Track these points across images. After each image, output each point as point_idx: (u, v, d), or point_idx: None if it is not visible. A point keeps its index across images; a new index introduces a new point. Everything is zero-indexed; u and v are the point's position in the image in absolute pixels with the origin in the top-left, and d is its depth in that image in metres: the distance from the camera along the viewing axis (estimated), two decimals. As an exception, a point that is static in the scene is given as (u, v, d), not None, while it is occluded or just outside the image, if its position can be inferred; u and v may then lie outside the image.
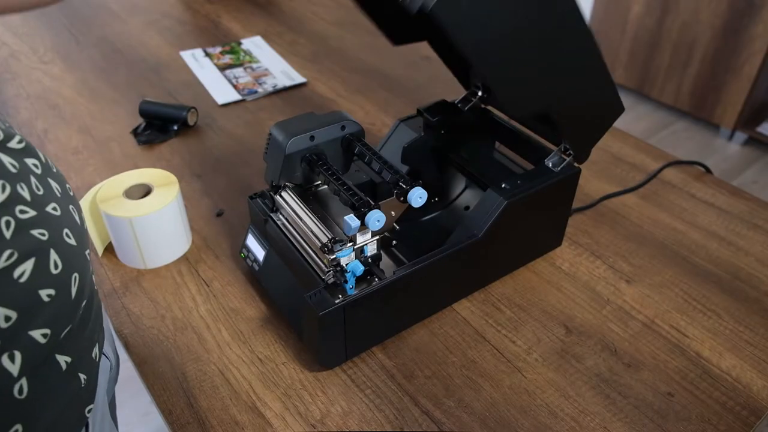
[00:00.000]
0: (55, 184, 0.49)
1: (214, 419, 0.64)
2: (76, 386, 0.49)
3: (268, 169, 0.72)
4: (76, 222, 0.50)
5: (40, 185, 0.46)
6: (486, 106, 0.89)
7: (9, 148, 0.44)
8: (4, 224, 0.40)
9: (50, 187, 0.47)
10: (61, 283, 0.45)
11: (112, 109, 1.15)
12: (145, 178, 0.81)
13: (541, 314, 0.76)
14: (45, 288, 0.43)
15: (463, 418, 0.65)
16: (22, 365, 0.42)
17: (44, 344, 0.44)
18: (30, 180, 0.45)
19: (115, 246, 0.81)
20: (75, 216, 0.50)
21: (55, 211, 0.46)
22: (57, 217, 0.46)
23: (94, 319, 0.53)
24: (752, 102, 2.47)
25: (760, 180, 2.41)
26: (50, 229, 0.45)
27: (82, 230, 0.51)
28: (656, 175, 1.00)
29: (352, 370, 0.69)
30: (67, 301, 0.46)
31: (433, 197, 0.87)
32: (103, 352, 0.60)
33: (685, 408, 0.66)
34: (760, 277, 0.82)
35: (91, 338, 0.52)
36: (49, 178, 0.48)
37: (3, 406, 0.41)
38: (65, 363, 0.47)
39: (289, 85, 1.24)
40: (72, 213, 0.50)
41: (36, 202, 0.44)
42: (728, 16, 2.36)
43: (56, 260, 0.44)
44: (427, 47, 1.41)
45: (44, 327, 0.44)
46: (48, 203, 0.46)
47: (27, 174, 0.45)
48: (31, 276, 0.42)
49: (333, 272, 0.65)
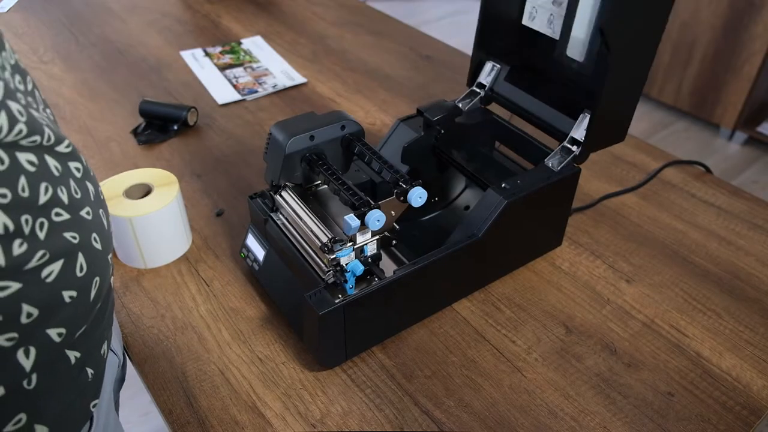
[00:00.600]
0: (91, 187, 0.50)
1: (214, 419, 0.64)
2: (83, 381, 0.50)
3: (268, 168, 0.72)
4: (104, 226, 0.51)
5: (78, 189, 0.47)
6: (486, 106, 0.89)
7: (56, 152, 0.45)
8: (39, 225, 0.41)
9: (87, 190, 0.49)
10: (83, 286, 0.46)
11: (112, 109, 1.15)
12: (145, 178, 0.81)
13: (541, 314, 0.76)
14: (68, 289, 0.44)
15: (463, 418, 0.65)
16: (36, 361, 0.43)
17: (58, 342, 0.45)
18: (70, 183, 0.46)
19: (115, 246, 0.81)
20: (104, 220, 0.51)
21: (87, 215, 0.48)
22: (88, 221, 0.48)
23: (107, 318, 0.54)
24: (752, 102, 2.47)
25: (760, 180, 2.41)
26: (81, 233, 0.46)
27: (108, 234, 0.52)
28: (656, 175, 1.00)
29: (352, 370, 0.69)
30: (86, 303, 0.47)
31: (433, 197, 0.87)
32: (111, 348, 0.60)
33: (685, 408, 0.66)
34: (760, 276, 0.82)
35: (101, 336, 0.52)
36: (87, 181, 0.49)
37: (11, 395, 0.42)
38: (75, 358, 0.48)
39: (289, 85, 1.24)
40: (101, 217, 0.51)
41: (72, 205, 0.45)
42: (728, 16, 2.36)
43: (82, 263, 0.46)
44: (427, 47, 1.41)
45: (61, 326, 0.45)
46: (83, 207, 0.47)
47: (68, 177, 0.46)
48: (57, 277, 0.43)
49: (333, 272, 0.65)
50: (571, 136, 0.76)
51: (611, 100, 0.71)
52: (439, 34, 3.36)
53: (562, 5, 0.76)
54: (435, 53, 1.38)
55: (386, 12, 1.60)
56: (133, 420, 1.50)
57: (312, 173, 0.72)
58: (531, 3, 0.79)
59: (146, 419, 1.51)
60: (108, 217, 0.53)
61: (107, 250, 0.51)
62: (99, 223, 0.50)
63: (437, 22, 3.65)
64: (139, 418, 1.51)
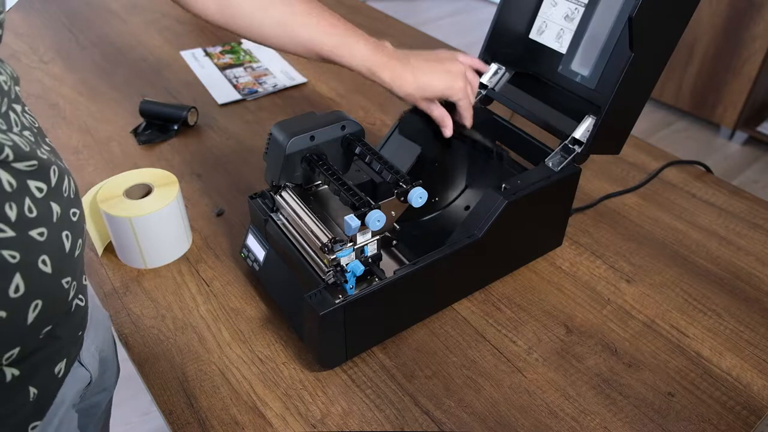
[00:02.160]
0: (57, 208, 0.47)
1: (215, 419, 0.64)
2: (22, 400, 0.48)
3: (268, 168, 0.72)
4: (63, 250, 0.48)
5: (35, 208, 0.45)
6: (486, 106, 0.89)
7: (13, 168, 0.43)
8: None
9: (49, 211, 0.47)
10: (16, 308, 0.44)
11: (112, 109, 1.15)
12: (145, 178, 0.81)
13: (541, 314, 0.76)
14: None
15: (464, 418, 0.65)
16: None
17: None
18: (24, 201, 0.44)
19: (116, 246, 0.81)
20: (65, 243, 0.48)
21: (39, 237, 0.45)
22: (39, 243, 0.45)
23: (67, 339, 0.51)
24: (753, 101, 2.47)
25: (761, 179, 2.41)
26: (24, 253, 0.44)
27: (66, 257, 0.49)
28: (656, 175, 1.00)
29: (353, 370, 0.69)
30: (21, 326, 0.45)
31: (433, 197, 0.87)
32: (81, 361, 0.58)
33: (686, 408, 0.66)
34: (761, 276, 0.82)
35: (54, 356, 0.50)
36: (52, 202, 0.47)
37: None
38: (12, 375, 0.46)
39: (290, 85, 1.24)
40: (63, 240, 0.48)
41: (20, 223, 0.44)
42: (729, 16, 2.35)
43: (19, 284, 0.43)
44: (427, 47, 1.40)
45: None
46: (35, 227, 0.45)
47: (23, 195, 0.44)
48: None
49: (333, 272, 0.65)
50: (572, 137, 0.76)
51: (620, 104, 0.71)
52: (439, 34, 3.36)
53: (574, 21, 0.78)
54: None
55: (386, 12, 1.60)
56: (133, 420, 1.50)
57: (312, 173, 0.72)
58: (542, 17, 0.81)
59: (146, 419, 1.51)
60: (76, 239, 0.50)
61: (62, 274, 0.48)
62: (56, 246, 0.47)
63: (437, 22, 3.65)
64: (139, 418, 1.51)
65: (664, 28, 0.69)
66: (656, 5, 0.64)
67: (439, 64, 0.77)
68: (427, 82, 0.75)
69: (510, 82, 0.87)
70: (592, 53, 0.77)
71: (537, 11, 0.83)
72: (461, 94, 0.78)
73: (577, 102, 0.79)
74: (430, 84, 0.76)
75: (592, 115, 0.75)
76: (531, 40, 0.84)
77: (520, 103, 0.84)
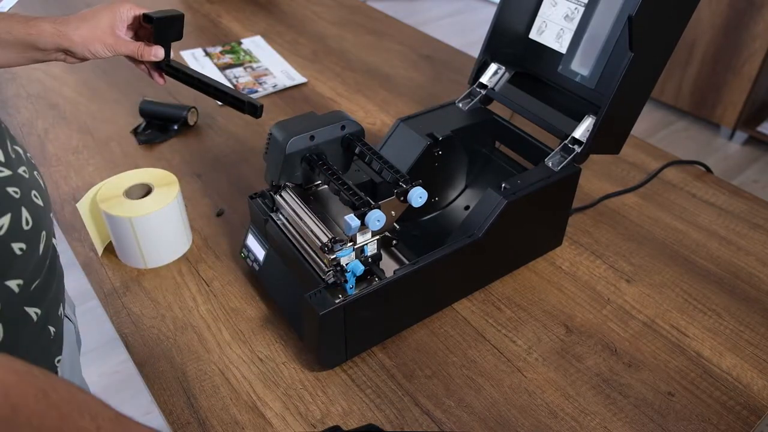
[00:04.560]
0: (21, 150, 0.54)
1: (215, 419, 0.64)
2: (46, 337, 0.53)
3: (268, 168, 0.72)
4: (41, 185, 0.55)
5: (12, 151, 0.51)
6: (486, 106, 0.89)
7: None
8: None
9: (19, 152, 0.52)
10: (31, 239, 0.49)
11: (112, 109, 1.15)
12: (145, 178, 0.81)
13: (541, 314, 0.76)
14: (17, 242, 0.48)
15: (464, 418, 0.65)
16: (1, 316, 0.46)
17: (18, 294, 0.48)
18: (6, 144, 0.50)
19: (116, 246, 0.81)
20: (39, 180, 0.55)
21: (24, 174, 0.51)
22: (26, 179, 0.51)
23: (57, 279, 0.57)
24: (753, 101, 2.47)
25: (761, 179, 2.40)
26: (21, 189, 0.49)
27: (46, 194, 0.56)
28: (656, 175, 1.00)
29: (353, 370, 0.69)
30: (36, 256, 0.50)
31: (433, 197, 0.87)
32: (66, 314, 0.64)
33: (686, 408, 0.66)
34: (761, 276, 0.82)
35: (56, 296, 0.55)
36: (15, 145, 0.53)
37: None
38: (35, 315, 0.50)
39: (290, 85, 1.24)
40: (37, 178, 0.54)
41: (9, 163, 0.49)
42: (729, 15, 2.35)
43: (27, 217, 0.49)
44: (427, 47, 1.41)
45: (18, 278, 0.48)
46: (19, 166, 0.51)
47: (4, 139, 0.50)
48: (6, 230, 0.46)
49: (333, 272, 0.65)
50: (572, 136, 0.76)
51: (620, 103, 0.72)
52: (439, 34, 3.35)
53: (574, 21, 0.78)
54: (435, 53, 1.38)
55: (386, 12, 1.60)
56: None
57: (312, 173, 0.72)
58: (542, 17, 0.81)
59: (146, 419, 1.51)
60: (42, 178, 0.57)
61: (48, 207, 0.55)
62: (35, 182, 0.53)
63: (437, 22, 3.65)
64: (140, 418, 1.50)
65: (664, 28, 0.69)
66: (656, 5, 0.64)
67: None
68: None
69: (510, 82, 0.87)
70: (591, 53, 0.77)
71: (537, 11, 0.83)
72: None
73: (577, 102, 0.79)
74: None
75: (592, 115, 0.75)
76: (531, 40, 0.84)
77: (520, 103, 0.84)
